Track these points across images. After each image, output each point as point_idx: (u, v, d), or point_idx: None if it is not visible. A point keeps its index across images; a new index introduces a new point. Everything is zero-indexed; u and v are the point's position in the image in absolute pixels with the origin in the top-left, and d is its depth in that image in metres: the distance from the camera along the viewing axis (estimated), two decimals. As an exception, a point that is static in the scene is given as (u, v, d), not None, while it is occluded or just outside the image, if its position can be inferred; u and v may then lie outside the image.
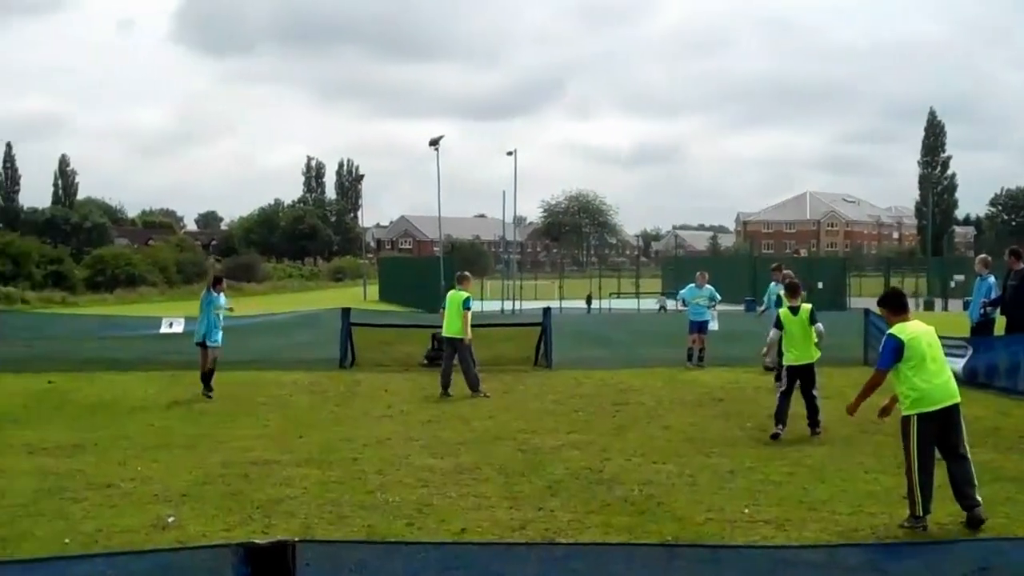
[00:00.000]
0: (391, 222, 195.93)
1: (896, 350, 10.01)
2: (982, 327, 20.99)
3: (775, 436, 14.56)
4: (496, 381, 21.34)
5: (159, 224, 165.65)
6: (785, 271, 21.59)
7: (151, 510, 10.50)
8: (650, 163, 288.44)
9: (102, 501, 10.87)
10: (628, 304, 63.69)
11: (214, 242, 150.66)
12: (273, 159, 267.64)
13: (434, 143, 66.60)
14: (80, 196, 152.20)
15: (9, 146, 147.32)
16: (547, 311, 25.87)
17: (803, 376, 14.92)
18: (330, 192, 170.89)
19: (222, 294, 20.43)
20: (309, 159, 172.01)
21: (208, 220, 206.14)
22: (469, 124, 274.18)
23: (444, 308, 20.26)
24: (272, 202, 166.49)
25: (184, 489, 11.46)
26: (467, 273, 21.50)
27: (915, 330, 10.19)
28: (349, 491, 11.42)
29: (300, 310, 36.90)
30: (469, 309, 19.76)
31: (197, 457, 13.44)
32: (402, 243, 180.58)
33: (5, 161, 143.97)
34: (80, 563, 5.73)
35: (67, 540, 9.35)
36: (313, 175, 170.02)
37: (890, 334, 10.19)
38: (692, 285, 25.04)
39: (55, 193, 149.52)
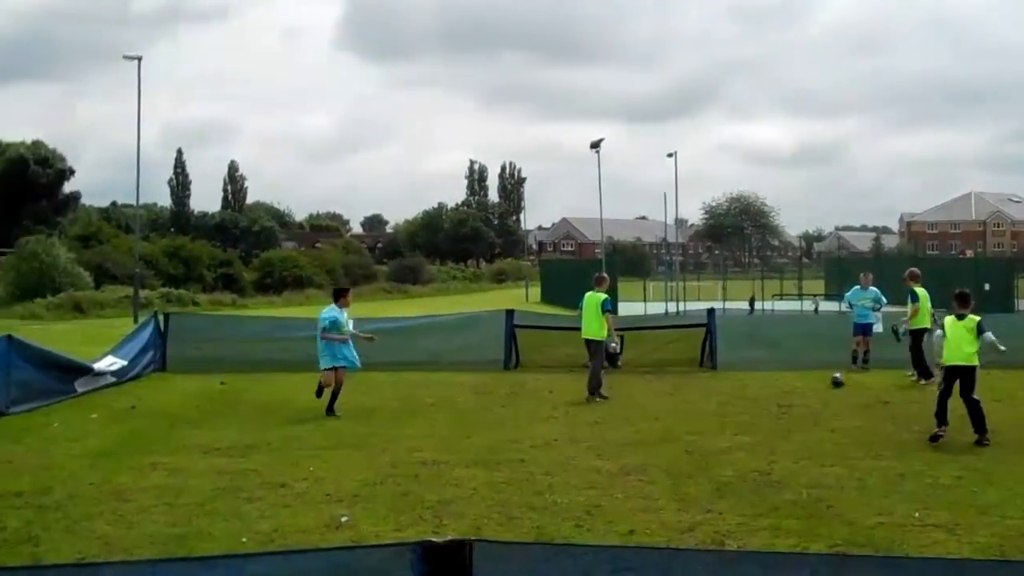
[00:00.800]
0: (553, 224, 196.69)
1: None
2: None
3: (935, 438, 14.27)
4: (662, 383, 21.34)
5: (326, 227, 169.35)
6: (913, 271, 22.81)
7: (324, 510, 10.76)
8: (811, 164, 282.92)
9: (276, 501, 11.19)
10: (791, 305, 62.75)
11: (379, 245, 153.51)
12: (436, 163, 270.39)
13: (595, 146, 66.89)
14: (249, 200, 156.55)
15: (180, 152, 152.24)
16: (711, 312, 25.69)
17: (962, 378, 14.53)
18: (492, 195, 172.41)
19: (345, 311, 18.80)
20: (472, 162, 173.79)
21: (373, 223, 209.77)
22: (629, 126, 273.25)
23: (581, 309, 20.41)
24: (436, 205, 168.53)
25: (355, 489, 11.72)
26: (604, 275, 21.78)
27: None
28: (517, 492, 11.54)
29: (464, 312, 37.24)
30: (610, 311, 19.90)
31: (367, 457, 13.73)
32: (564, 245, 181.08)
33: (176, 167, 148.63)
34: (257, 561, 5.94)
35: (244, 539, 9.65)
36: (476, 178, 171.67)
37: None
38: (857, 287, 24.76)
39: (224, 198, 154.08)
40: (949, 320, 15.10)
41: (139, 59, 56.18)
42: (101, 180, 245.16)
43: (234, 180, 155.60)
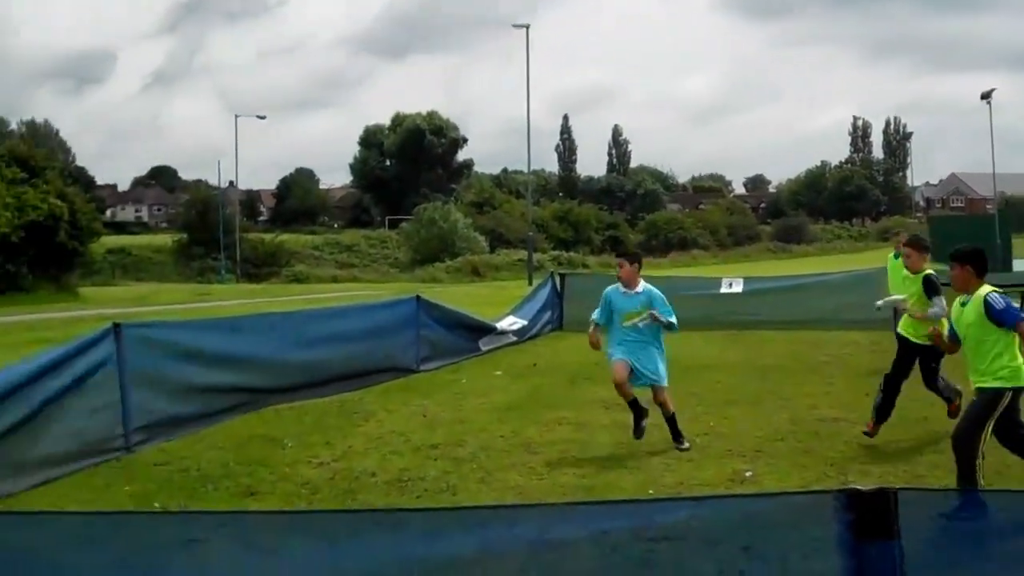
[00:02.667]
0: (940, 180, 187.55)
1: None
2: None
3: None
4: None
5: (708, 188, 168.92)
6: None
7: (727, 464, 10.80)
8: None
9: (679, 455, 11.36)
10: None
11: (762, 205, 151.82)
12: (818, 120, 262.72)
13: (986, 96, 63.69)
14: (632, 164, 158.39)
15: (566, 118, 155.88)
16: None
17: None
18: (876, 152, 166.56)
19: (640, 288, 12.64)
20: (855, 119, 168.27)
21: (756, 183, 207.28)
22: (1022, 75, 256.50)
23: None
24: (818, 163, 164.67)
25: (756, 445, 11.70)
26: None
27: None
28: (922, 451, 11.20)
29: (854, 269, 36.32)
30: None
31: (764, 414, 13.68)
32: (953, 201, 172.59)
33: (562, 132, 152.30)
34: (665, 508, 6.11)
35: (651, 491, 9.88)
36: (859, 135, 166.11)
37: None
38: None
39: (609, 162, 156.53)
40: None
41: (527, 27, 57.95)
42: (491, 148, 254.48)
43: (618, 144, 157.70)
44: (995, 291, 8.56)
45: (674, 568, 6.18)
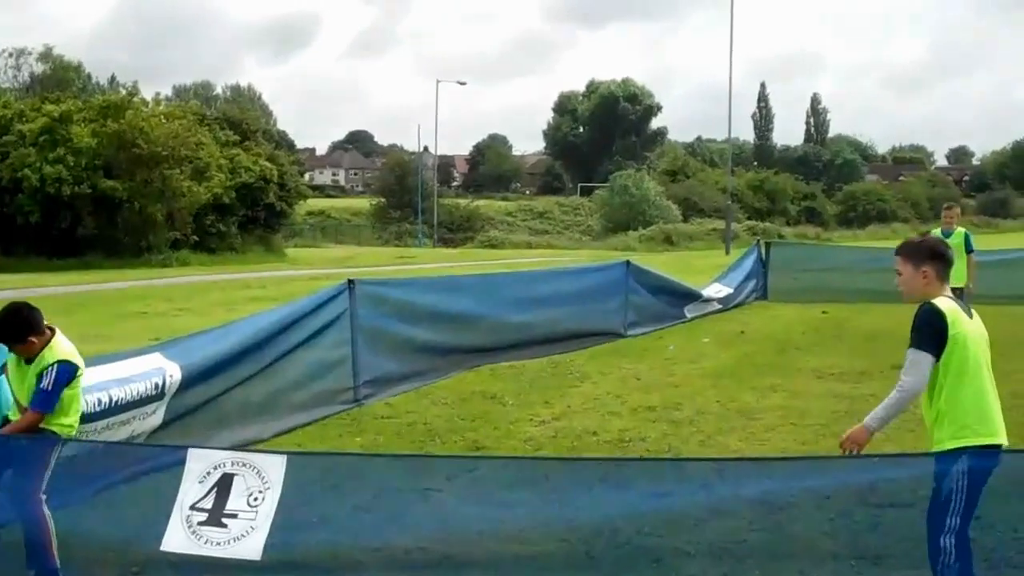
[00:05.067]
0: None
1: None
2: None
3: None
4: None
5: (909, 160, 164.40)
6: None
7: (952, 437, 10.72)
8: None
9: (900, 425, 11.29)
10: None
11: (966, 177, 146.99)
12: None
13: None
14: (832, 134, 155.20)
15: (763, 86, 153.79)
16: None
17: None
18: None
19: None
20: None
21: (959, 155, 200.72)
22: None
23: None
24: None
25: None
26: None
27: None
28: None
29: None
30: (972, 251, 15.65)
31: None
32: None
33: (759, 100, 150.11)
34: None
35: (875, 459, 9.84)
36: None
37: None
38: None
39: (807, 131, 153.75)
40: None
41: (731, -6, 57.44)
42: (685, 115, 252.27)
43: (816, 113, 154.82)
44: None
45: (900, 533, 6.25)
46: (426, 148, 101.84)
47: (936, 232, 14.74)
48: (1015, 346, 17.26)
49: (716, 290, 22.43)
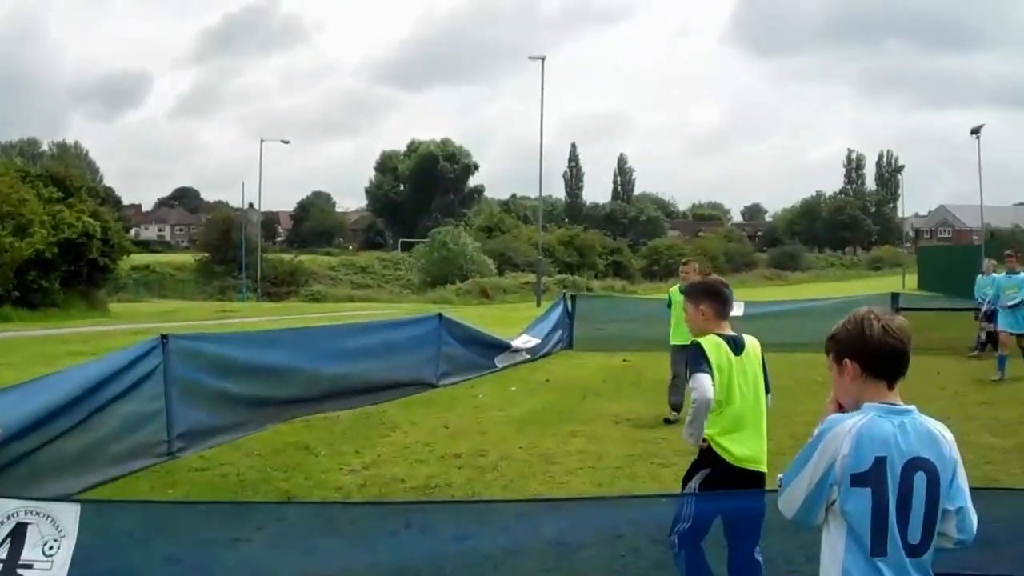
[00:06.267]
0: (929, 211, 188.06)
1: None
2: None
3: None
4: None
5: (708, 216, 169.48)
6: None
7: (734, 475, 11.08)
8: None
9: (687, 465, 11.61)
10: None
11: (759, 233, 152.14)
12: (815, 153, 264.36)
13: (975, 132, 64.14)
14: (637, 192, 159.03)
15: (574, 146, 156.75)
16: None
17: None
18: (869, 183, 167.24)
19: None
20: (849, 152, 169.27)
21: (753, 212, 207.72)
22: (1012, 112, 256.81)
23: (672, 309, 15.77)
24: (813, 194, 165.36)
25: (761, 458, 11.98)
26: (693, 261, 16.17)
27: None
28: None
29: (847, 296, 36.57)
30: None
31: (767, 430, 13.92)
32: (941, 232, 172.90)
33: (570, 160, 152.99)
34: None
35: (663, 501, 10.11)
36: (853, 167, 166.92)
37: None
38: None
39: (614, 189, 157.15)
40: None
41: (543, 59, 58.62)
42: (501, 174, 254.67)
43: (623, 172, 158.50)
44: None
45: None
46: (251, 204, 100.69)
47: (675, 288, 15.50)
48: (798, 390, 17.95)
49: (525, 340, 22.72)
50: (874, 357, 3.90)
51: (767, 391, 6.68)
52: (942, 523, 3.77)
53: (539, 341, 23.26)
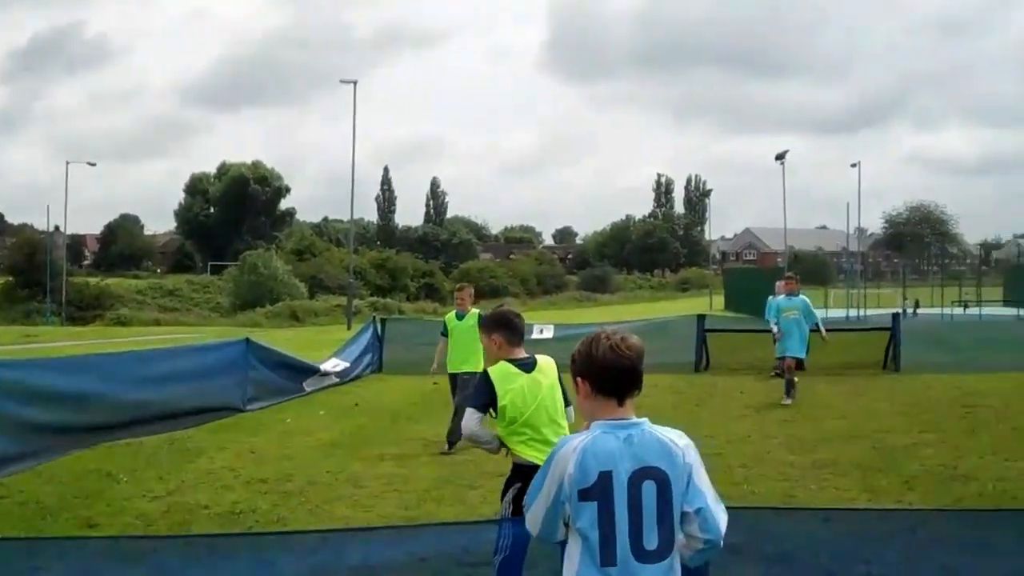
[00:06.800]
0: (735, 235, 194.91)
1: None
2: None
3: None
4: (846, 384, 21.39)
5: (519, 239, 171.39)
6: None
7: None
8: (996, 173, 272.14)
9: (495, 487, 11.70)
10: (971, 312, 60.84)
11: (570, 256, 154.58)
12: (627, 177, 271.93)
13: (780, 157, 66.49)
14: (450, 215, 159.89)
15: (386, 170, 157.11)
16: (896, 317, 25.65)
17: None
18: (678, 207, 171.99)
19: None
20: (659, 176, 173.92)
21: (564, 235, 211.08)
22: (816, 139, 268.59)
23: (449, 337, 15.32)
24: (623, 218, 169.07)
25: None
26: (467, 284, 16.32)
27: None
28: (717, 483, 11.78)
29: (656, 317, 37.48)
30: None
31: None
32: (746, 255, 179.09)
33: (383, 183, 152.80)
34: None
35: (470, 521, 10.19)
36: (662, 191, 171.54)
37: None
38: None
39: (427, 212, 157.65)
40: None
41: (355, 83, 58.46)
42: (313, 196, 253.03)
43: (436, 196, 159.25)
44: None
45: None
46: (57, 227, 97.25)
47: (451, 315, 15.38)
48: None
49: (334, 364, 22.57)
50: (602, 375, 4.03)
51: (567, 404, 6.86)
52: (685, 525, 3.94)
53: (348, 364, 23.14)
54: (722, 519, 4.02)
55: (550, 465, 3.99)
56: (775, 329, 19.87)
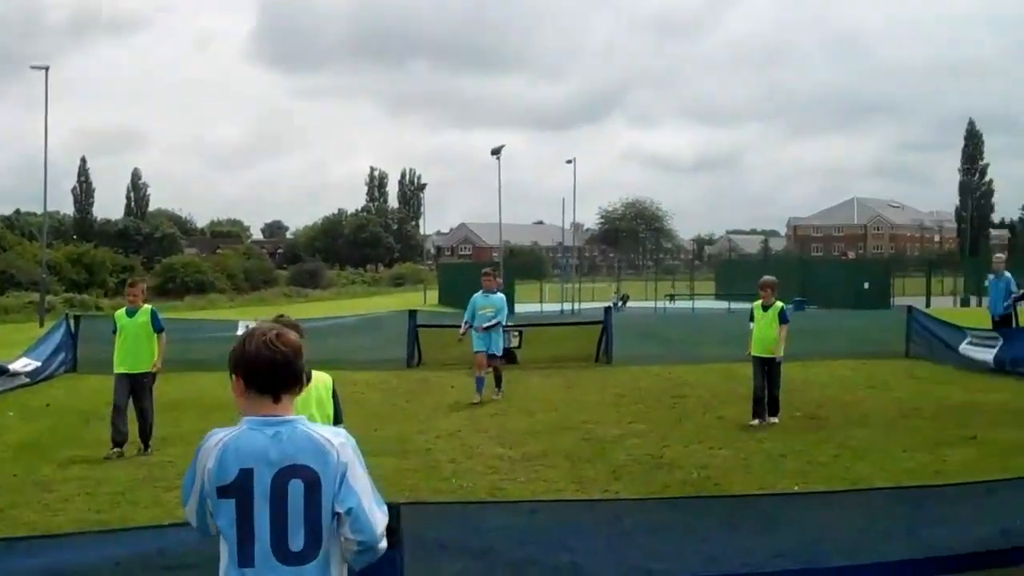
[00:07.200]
0: (451, 229, 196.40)
1: None
2: (1005, 320, 21.93)
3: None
4: (559, 377, 21.87)
5: (227, 234, 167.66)
6: None
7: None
8: (710, 171, 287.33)
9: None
10: (682, 305, 63.54)
11: (279, 250, 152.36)
12: (339, 170, 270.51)
13: (495, 152, 66.99)
14: (152, 208, 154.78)
15: (84, 160, 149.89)
16: (608, 310, 26.57)
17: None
18: (392, 201, 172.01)
19: None
20: (372, 169, 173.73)
21: (273, 229, 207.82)
22: (534, 134, 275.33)
23: (117, 335, 15.14)
24: (335, 211, 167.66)
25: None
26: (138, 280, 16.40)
27: None
28: (425, 478, 11.81)
29: (367, 312, 37.29)
30: (163, 331, 15.07)
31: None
32: (462, 249, 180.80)
33: (80, 175, 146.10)
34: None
35: (166, 523, 9.79)
36: (376, 185, 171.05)
37: None
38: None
39: (127, 205, 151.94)
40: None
41: (46, 69, 55.19)
42: (4, 188, 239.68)
43: (137, 188, 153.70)
44: None
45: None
46: None
47: (121, 311, 15.05)
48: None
49: (24, 364, 21.36)
50: (252, 370, 3.91)
51: (338, 421, 7.25)
52: (339, 527, 3.83)
53: (39, 364, 21.94)
54: (378, 520, 3.90)
55: (196, 458, 3.87)
56: (463, 328, 19.76)
